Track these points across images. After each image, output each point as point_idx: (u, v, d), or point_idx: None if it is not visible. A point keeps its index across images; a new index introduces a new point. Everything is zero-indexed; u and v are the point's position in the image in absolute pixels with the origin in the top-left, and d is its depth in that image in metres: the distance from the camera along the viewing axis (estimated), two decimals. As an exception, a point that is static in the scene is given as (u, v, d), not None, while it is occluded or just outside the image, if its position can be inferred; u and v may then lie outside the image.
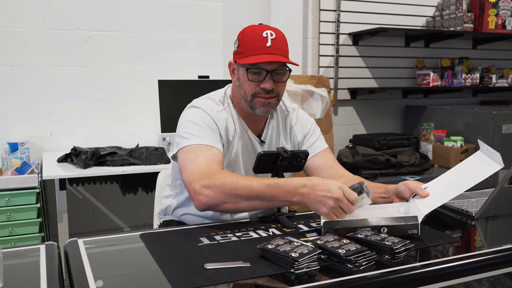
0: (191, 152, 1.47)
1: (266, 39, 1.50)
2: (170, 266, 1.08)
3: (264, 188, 1.31)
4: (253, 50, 1.50)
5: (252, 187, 1.32)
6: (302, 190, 1.28)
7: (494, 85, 3.93)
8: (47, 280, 1.02)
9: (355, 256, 1.06)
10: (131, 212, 3.24)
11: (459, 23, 3.72)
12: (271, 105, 1.57)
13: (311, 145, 1.71)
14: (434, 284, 1.10)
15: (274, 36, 1.51)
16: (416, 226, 1.25)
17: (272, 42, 1.50)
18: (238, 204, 1.36)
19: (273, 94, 1.54)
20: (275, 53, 1.50)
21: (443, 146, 3.41)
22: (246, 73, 1.52)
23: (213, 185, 1.35)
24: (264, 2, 3.45)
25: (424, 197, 1.40)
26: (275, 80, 1.52)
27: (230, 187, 1.34)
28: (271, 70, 1.51)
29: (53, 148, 3.01)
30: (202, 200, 1.36)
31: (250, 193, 1.32)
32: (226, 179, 1.36)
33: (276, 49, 1.50)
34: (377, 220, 1.25)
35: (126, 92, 3.16)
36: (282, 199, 1.32)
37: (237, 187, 1.33)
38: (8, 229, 2.49)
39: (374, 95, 3.84)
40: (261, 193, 1.32)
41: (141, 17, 3.16)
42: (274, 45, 1.50)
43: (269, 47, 1.49)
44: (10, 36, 2.88)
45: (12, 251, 1.23)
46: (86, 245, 1.23)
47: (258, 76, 1.52)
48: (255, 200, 1.33)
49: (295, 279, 1.02)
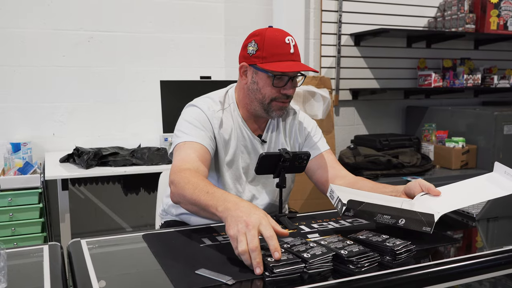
0: (178, 149, 1.52)
1: (289, 45, 1.53)
2: (172, 267, 1.08)
3: (202, 194, 1.26)
4: (277, 57, 1.52)
5: (195, 192, 1.28)
6: (228, 204, 1.16)
7: (496, 86, 3.93)
8: (51, 280, 1.03)
9: (357, 257, 1.06)
10: (133, 212, 3.25)
11: (460, 23, 3.72)
12: (285, 109, 1.61)
13: (313, 146, 1.72)
14: (435, 285, 1.10)
15: (294, 42, 1.55)
16: (431, 224, 1.26)
17: (294, 48, 1.54)
18: (187, 206, 1.35)
19: (290, 99, 1.60)
20: (298, 60, 1.55)
21: (445, 147, 3.41)
22: (272, 79, 1.53)
23: (177, 183, 1.36)
24: (266, 3, 3.45)
25: (435, 196, 1.41)
26: (294, 85, 1.57)
27: (182, 187, 1.33)
28: (292, 76, 1.55)
29: (55, 148, 3.02)
30: (170, 195, 1.41)
31: (192, 197, 1.29)
32: (185, 179, 1.34)
33: (297, 56, 1.55)
34: (398, 210, 1.26)
35: (128, 93, 3.17)
36: (210, 210, 1.22)
37: (185, 189, 1.32)
38: (11, 229, 2.50)
39: (375, 95, 3.85)
40: (199, 199, 1.26)
41: (143, 18, 3.17)
42: (296, 52, 1.55)
43: (292, 54, 1.53)
44: (12, 37, 2.89)
45: (16, 251, 1.24)
46: (89, 245, 1.24)
47: (279, 81, 1.54)
48: (194, 206, 1.30)
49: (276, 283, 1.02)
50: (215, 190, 1.26)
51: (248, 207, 1.13)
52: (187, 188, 1.31)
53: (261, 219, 1.08)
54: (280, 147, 1.68)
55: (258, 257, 1.03)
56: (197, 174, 1.38)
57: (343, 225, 1.41)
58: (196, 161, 1.46)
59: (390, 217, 1.24)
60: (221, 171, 1.62)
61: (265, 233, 1.06)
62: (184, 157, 1.46)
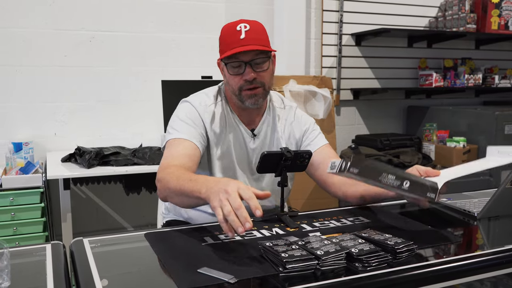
0: (168, 146, 1.55)
1: (240, 32, 1.52)
2: (174, 265, 1.09)
3: (186, 182, 1.31)
4: (229, 45, 1.52)
5: (179, 182, 1.33)
6: (209, 184, 1.21)
7: (497, 85, 3.93)
8: (54, 279, 1.03)
9: (366, 256, 1.06)
10: (134, 212, 3.25)
11: (461, 23, 3.72)
12: (258, 96, 1.58)
13: (311, 141, 1.72)
14: (436, 284, 1.10)
15: (248, 28, 1.52)
16: (435, 191, 1.24)
17: (246, 33, 1.51)
18: (174, 200, 1.40)
19: (257, 84, 1.55)
20: (250, 44, 1.50)
21: (446, 146, 3.41)
22: (227, 68, 1.55)
23: (162, 179, 1.40)
24: (267, 2, 3.46)
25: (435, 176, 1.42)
26: (256, 69, 1.53)
27: (167, 181, 1.37)
28: (249, 60, 1.52)
29: (57, 148, 3.03)
30: (158, 193, 1.45)
31: (177, 187, 1.33)
32: (171, 174, 1.38)
33: (251, 40, 1.51)
34: (404, 173, 1.24)
35: (130, 93, 3.18)
36: (195, 194, 1.26)
37: (170, 182, 1.36)
38: (13, 229, 2.50)
39: (376, 95, 3.85)
40: (183, 187, 1.31)
41: (144, 18, 3.18)
42: (248, 36, 1.51)
43: (243, 39, 1.51)
44: (14, 37, 2.90)
45: (18, 250, 1.25)
46: (92, 244, 1.24)
47: (238, 69, 1.54)
48: (180, 196, 1.34)
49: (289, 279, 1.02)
50: (198, 176, 1.31)
51: (226, 180, 1.19)
52: (172, 181, 1.35)
53: (239, 184, 1.14)
54: (274, 142, 1.68)
55: (244, 212, 1.07)
56: (182, 168, 1.41)
57: (344, 224, 1.42)
58: (183, 157, 1.49)
59: (395, 178, 1.20)
60: (214, 164, 1.63)
61: (245, 195, 1.11)
62: (172, 154, 1.50)
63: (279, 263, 1.04)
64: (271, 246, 1.10)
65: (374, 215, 1.52)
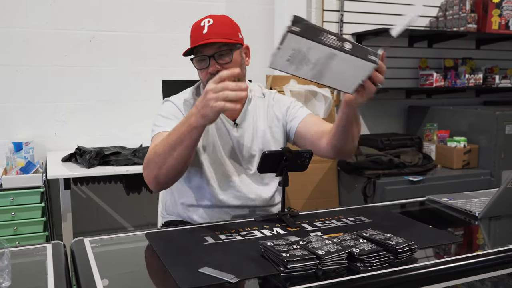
0: (152, 141, 1.57)
1: (203, 27, 1.55)
2: (175, 265, 1.09)
3: (169, 135, 1.39)
4: (193, 41, 1.56)
5: (165, 142, 1.40)
6: (192, 110, 1.33)
7: (498, 85, 3.93)
8: (54, 279, 1.03)
9: (368, 256, 1.06)
10: (135, 212, 3.25)
11: (462, 23, 3.72)
12: None
13: (294, 116, 1.71)
14: (437, 284, 1.10)
15: (211, 22, 1.55)
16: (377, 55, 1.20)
17: (209, 28, 1.53)
18: (165, 167, 1.41)
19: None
20: (211, 38, 1.52)
21: (446, 146, 3.41)
22: (195, 63, 1.59)
23: (147, 159, 1.46)
24: (268, 2, 3.46)
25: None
26: (220, 62, 1.54)
27: (153, 154, 1.44)
28: (212, 54, 1.53)
29: (57, 148, 3.02)
30: (148, 183, 1.49)
31: (165, 147, 1.39)
32: (152, 150, 1.45)
33: (213, 34, 1.53)
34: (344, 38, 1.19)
35: (130, 92, 3.18)
36: (184, 130, 1.34)
37: (157, 151, 1.42)
38: (13, 228, 2.50)
39: (377, 95, 3.78)
40: (171, 139, 1.37)
41: (145, 18, 3.18)
42: (210, 31, 1.53)
43: (205, 34, 1.53)
44: (14, 36, 2.90)
45: (19, 250, 1.25)
46: (92, 244, 1.24)
47: (204, 63, 1.56)
48: (170, 152, 1.38)
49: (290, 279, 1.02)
50: (177, 124, 1.38)
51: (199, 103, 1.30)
52: (157, 150, 1.42)
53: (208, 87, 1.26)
54: (257, 132, 1.67)
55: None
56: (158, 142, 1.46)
57: (345, 224, 1.42)
58: None
59: (337, 39, 1.16)
60: (201, 158, 1.63)
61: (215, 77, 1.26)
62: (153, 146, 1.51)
63: (280, 263, 1.04)
64: (272, 245, 1.10)
65: (375, 215, 1.51)
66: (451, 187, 3.01)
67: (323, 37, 1.15)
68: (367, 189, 3.08)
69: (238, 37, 1.59)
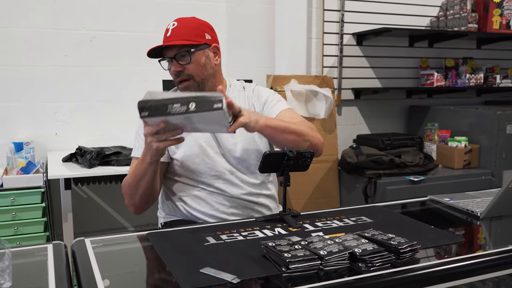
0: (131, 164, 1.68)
1: (168, 30, 1.63)
2: (177, 265, 1.08)
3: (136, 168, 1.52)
4: (161, 43, 1.63)
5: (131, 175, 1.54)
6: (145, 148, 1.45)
7: (498, 85, 3.92)
8: (56, 280, 1.03)
9: (370, 256, 1.06)
10: (135, 212, 3.25)
11: (463, 23, 3.71)
12: (190, 88, 1.64)
13: (270, 112, 1.72)
14: (440, 284, 1.10)
15: (175, 25, 1.62)
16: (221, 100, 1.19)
17: (172, 31, 1.61)
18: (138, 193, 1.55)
19: (185, 77, 1.63)
20: (172, 40, 1.60)
21: (447, 146, 3.40)
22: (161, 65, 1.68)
23: (124, 193, 1.60)
24: (269, 2, 3.45)
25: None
26: (181, 63, 1.60)
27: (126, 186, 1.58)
28: (173, 55, 1.60)
29: (58, 148, 3.02)
30: (130, 209, 1.63)
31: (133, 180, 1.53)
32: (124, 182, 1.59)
33: (174, 36, 1.60)
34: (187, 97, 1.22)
35: (131, 92, 3.17)
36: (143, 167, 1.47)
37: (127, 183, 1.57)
38: (13, 228, 2.50)
39: (378, 95, 3.84)
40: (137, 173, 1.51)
41: (145, 17, 3.17)
42: (172, 33, 1.61)
43: (168, 37, 1.61)
44: (15, 36, 2.89)
45: (20, 250, 1.24)
46: (93, 244, 1.24)
47: (169, 64, 1.64)
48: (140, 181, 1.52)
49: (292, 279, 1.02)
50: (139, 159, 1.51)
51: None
52: (127, 181, 1.57)
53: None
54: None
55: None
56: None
57: (347, 224, 1.41)
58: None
59: (180, 105, 1.20)
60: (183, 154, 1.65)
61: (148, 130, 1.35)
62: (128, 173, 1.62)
63: (282, 263, 1.04)
64: (273, 246, 1.09)
65: (376, 215, 1.51)
66: (452, 187, 3.01)
67: (170, 109, 1.22)
68: (368, 189, 3.07)
69: (202, 38, 1.63)
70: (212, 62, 1.66)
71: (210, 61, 1.66)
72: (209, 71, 1.65)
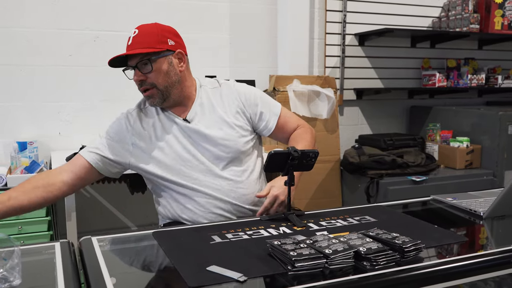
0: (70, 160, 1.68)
1: (129, 39, 1.59)
2: (183, 264, 1.09)
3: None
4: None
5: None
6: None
7: (500, 85, 3.93)
8: (64, 277, 1.04)
9: (374, 255, 1.07)
10: (138, 211, 3.26)
11: (465, 23, 3.72)
12: (154, 97, 1.63)
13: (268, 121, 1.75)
14: (442, 283, 1.11)
15: (136, 33, 1.58)
16: None
17: (133, 39, 1.58)
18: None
19: (148, 86, 1.61)
20: (132, 49, 1.57)
21: (449, 146, 3.41)
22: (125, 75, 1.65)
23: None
24: (271, 2, 3.46)
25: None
26: (143, 72, 1.58)
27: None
28: (134, 64, 1.58)
29: (61, 147, 3.03)
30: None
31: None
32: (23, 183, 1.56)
33: (134, 44, 1.57)
34: None
35: (134, 92, 3.15)
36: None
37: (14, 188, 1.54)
38: (18, 227, 2.51)
39: (380, 95, 3.85)
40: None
41: (148, 17, 3.17)
42: (133, 42, 1.58)
43: (129, 45, 1.59)
44: (18, 36, 2.91)
45: (28, 248, 1.26)
46: (100, 242, 1.25)
47: (131, 73, 1.62)
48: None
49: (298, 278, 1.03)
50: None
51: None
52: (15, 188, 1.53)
53: None
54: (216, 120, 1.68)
55: None
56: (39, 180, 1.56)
57: (351, 223, 1.42)
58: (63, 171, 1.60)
59: None
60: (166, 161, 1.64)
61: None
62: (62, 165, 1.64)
63: (287, 261, 1.05)
64: (279, 244, 1.10)
65: (380, 215, 1.52)
66: (454, 187, 3.02)
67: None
68: (370, 189, 3.08)
69: (164, 45, 1.60)
70: (176, 69, 1.63)
71: (174, 68, 1.62)
72: (173, 79, 1.62)
